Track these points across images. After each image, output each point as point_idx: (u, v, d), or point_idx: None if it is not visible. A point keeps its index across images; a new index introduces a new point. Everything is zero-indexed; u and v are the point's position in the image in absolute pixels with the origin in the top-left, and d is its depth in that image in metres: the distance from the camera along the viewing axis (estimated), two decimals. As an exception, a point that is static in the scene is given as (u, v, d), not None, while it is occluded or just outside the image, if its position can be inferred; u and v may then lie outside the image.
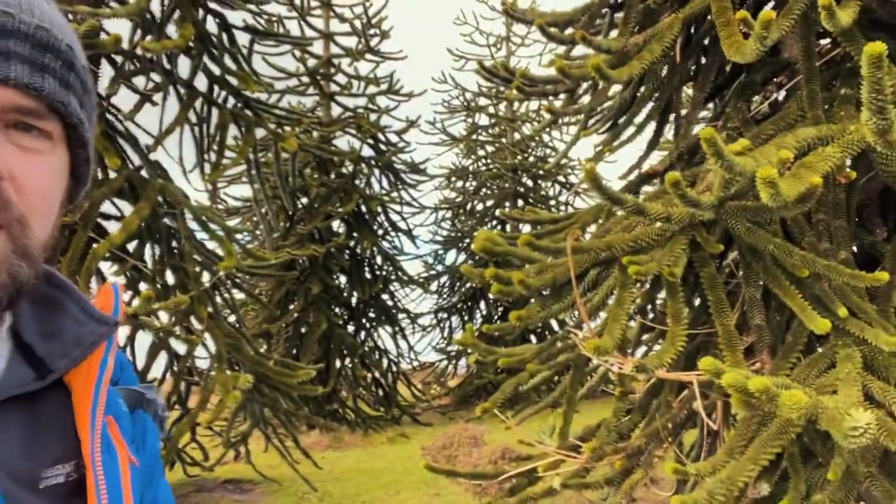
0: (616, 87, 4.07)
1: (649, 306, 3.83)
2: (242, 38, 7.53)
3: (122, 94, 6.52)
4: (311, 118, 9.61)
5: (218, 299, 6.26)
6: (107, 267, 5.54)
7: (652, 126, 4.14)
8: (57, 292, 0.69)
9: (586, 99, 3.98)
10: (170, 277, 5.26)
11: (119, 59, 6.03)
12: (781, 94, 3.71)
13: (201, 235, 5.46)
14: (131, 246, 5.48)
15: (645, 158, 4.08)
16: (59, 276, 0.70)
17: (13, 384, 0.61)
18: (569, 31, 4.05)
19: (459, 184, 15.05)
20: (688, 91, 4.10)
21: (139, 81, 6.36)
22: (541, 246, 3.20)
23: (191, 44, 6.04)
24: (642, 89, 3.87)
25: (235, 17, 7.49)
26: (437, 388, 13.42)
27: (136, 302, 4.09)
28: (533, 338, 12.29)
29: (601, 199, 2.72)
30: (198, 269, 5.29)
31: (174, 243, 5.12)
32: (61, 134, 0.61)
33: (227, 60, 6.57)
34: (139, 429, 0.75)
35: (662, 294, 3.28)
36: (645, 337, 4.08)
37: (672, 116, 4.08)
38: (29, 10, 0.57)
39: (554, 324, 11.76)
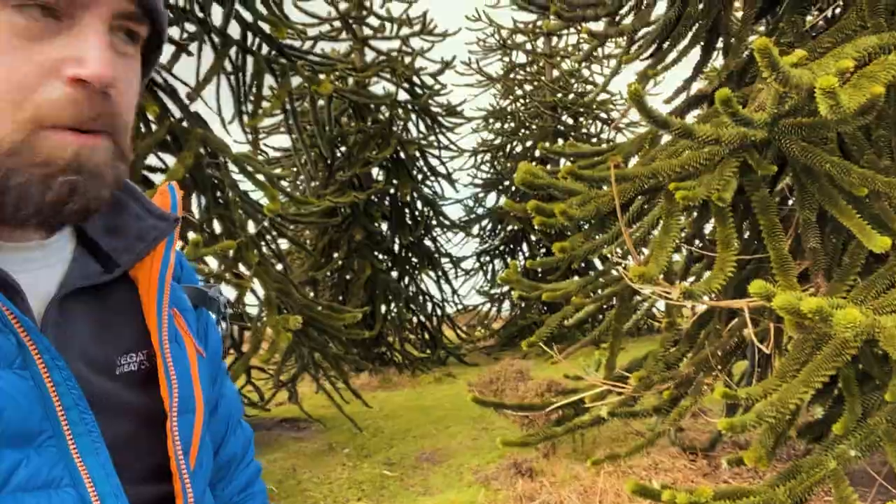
0: (660, 9, 3.87)
1: (697, 237, 3.75)
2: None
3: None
4: (345, 63, 9.48)
5: (264, 248, 6.40)
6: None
7: (698, 48, 3.95)
8: (119, 192, 0.69)
9: (628, 22, 3.80)
10: (217, 227, 5.38)
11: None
12: (838, 9, 3.48)
13: (246, 187, 5.54)
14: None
15: (692, 81, 3.91)
16: None
17: (81, 277, 0.63)
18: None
19: (497, 125, 14.78)
20: (736, 8, 3.88)
21: (174, 32, 6.37)
22: (583, 175, 3.13)
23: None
24: (688, 8, 3.67)
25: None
26: (481, 329, 13.56)
27: (185, 249, 4.21)
28: (577, 277, 12.21)
29: (646, 122, 2.62)
30: (243, 216, 5.39)
31: (219, 193, 5.21)
32: (144, 37, 0.64)
33: (259, 6, 6.49)
34: (202, 324, 0.77)
35: (712, 222, 3.19)
36: (694, 267, 4.01)
37: (720, 37, 3.88)
38: None
39: (598, 262, 11.67)
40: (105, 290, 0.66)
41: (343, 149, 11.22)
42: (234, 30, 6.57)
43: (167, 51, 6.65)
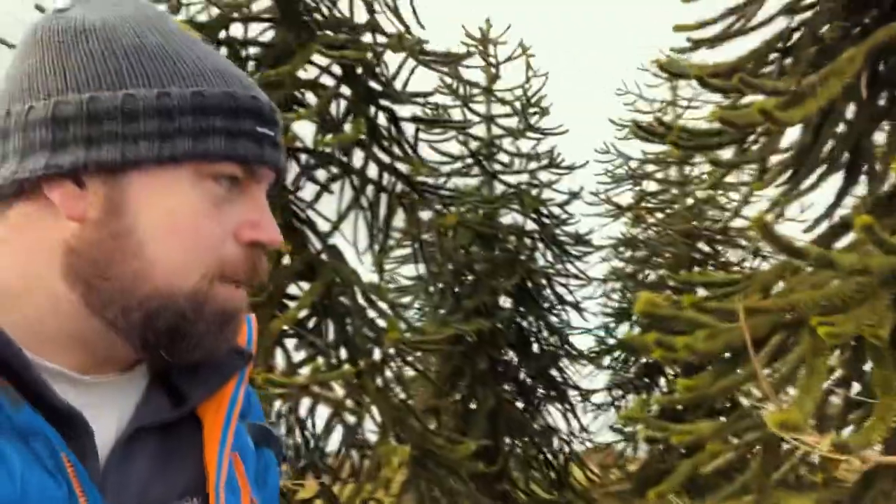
0: (792, 136, 3.71)
1: (854, 378, 3.30)
2: (410, 129, 8.12)
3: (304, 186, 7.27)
4: (473, 196, 9.92)
5: (388, 374, 6.49)
6: (291, 344, 6.03)
7: (840, 174, 3.70)
8: None
9: (756, 148, 3.66)
10: (343, 353, 5.57)
11: (303, 156, 6.76)
12: None
13: (373, 314, 5.76)
14: (312, 324, 5.93)
15: (835, 208, 3.62)
16: None
17: (152, 413, 0.64)
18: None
19: (628, 253, 14.49)
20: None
21: (320, 174, 7.07)
22: (708, 308, 2.92)
23: (363, 137, 6.61)
24: (822, 133, 3.48)
25: (404, 110, 8.09)
26: (616, 471, 12.53)
27: (310, 371, 4.38)
28: (722, 418, 11.11)
29: (778, 253, 2.43)
30: (368, 345, 5.55)
31: (347, 320, 5.44)
32: None
33: (395, 149, 7.08)
34: (262, 466, 0.75)
35: (869, 363, 2.79)
36: (853, 415, 3.49)
37: (864, 162, 3.61)
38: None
39: (744, 401, 10.60)
40: (171, 427, 0.65)
41: (470, 277, 11.47)
42: (372, 170, 7.17)
43: (310, 189, 7.39)
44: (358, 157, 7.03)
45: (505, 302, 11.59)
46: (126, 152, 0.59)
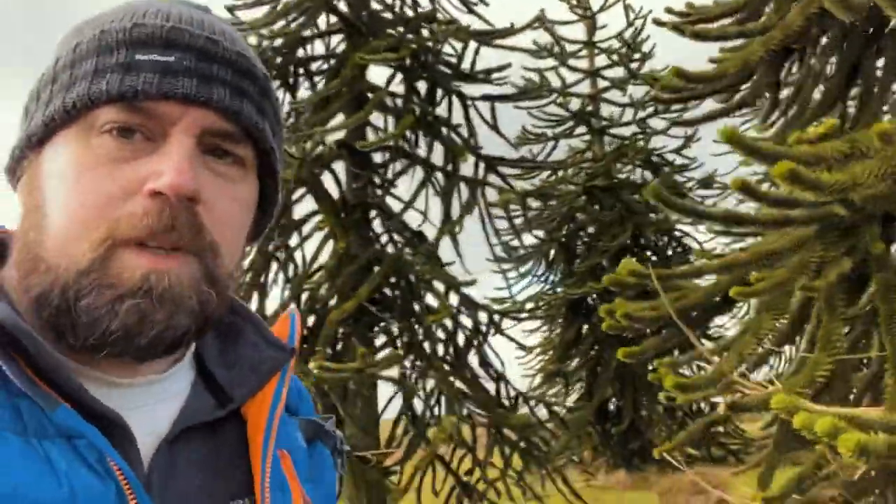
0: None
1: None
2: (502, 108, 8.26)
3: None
4: (544, 167, 9.68)
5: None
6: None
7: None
8: (237, 318, 0.68)
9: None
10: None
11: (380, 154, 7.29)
12: None
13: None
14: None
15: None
16: (239, 302, 0.69)
17: (196, 413, 0.61)
18: None
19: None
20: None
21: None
22: (676, 273, 2.90)
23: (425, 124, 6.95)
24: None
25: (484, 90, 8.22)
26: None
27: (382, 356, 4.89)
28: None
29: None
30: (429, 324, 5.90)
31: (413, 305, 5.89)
32: (253, 161, 0.61)
33: (462, 132, 7.35)
34: (317, 462, 0.71)
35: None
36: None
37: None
38: (231, 39, 0.59)
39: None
40: (216, 427, 0.62)
41: (584, 239, 11.37)
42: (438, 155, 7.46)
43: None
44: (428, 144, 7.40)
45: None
46: (30, 126, 0.57)
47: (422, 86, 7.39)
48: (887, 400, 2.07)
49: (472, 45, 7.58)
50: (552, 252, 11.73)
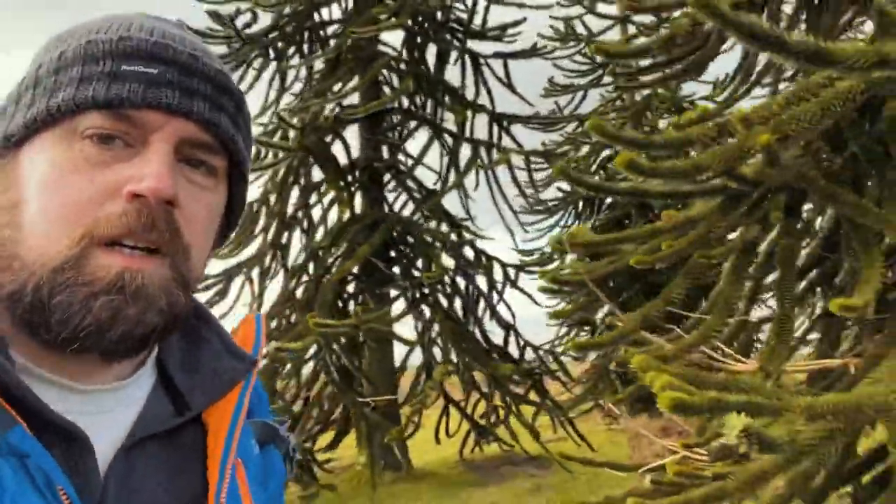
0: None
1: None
2: (516, 66, 8.34)
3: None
4: (567, 119, 9.65)
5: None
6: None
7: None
8: (200, 324, 0.69)
9: None
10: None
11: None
12: None
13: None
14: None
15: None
16: (203, 308, 0.70)
17: (154, 420, 0.61)
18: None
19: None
20: None
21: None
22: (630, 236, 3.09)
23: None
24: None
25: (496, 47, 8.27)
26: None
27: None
28: None
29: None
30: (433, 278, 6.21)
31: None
32: (224, 172, 0.64)
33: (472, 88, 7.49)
34: (266, 465, 0.71)
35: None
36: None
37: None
38: (210, 56, 0.62)
39: None
40: (174, 433, 0.63)
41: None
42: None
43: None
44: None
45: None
46: (9, 127, 0.59)
47: (433, 48, 7.54)
48: (758, 356, 2.25)
49: (483, 3, 7.63)
50: (580, 203, 11.78)
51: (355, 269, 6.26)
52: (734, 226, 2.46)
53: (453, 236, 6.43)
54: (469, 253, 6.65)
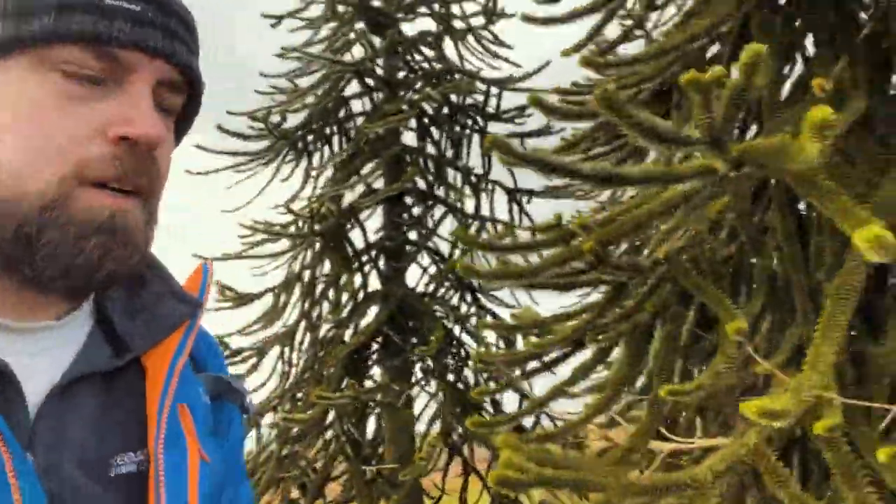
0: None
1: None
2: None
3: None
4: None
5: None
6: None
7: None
8: (145, 268, 0.67)
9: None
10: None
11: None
12: None
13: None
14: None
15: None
16: (149, 253, 0.66)
17: (89, 362, 0.60)
18: None
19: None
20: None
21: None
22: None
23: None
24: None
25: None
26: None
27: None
28: None
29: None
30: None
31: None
32: (178, 110, 0.64)
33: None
34: (223, 419, 0.70)
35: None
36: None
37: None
38: None
39: None
40: (114, 378, 0.61)
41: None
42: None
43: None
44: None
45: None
46: None
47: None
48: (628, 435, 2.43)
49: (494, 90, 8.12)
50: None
51: (376, 342, 6.65)
52: (627, 314, 2.70)
53: (465, 307, 6.74)
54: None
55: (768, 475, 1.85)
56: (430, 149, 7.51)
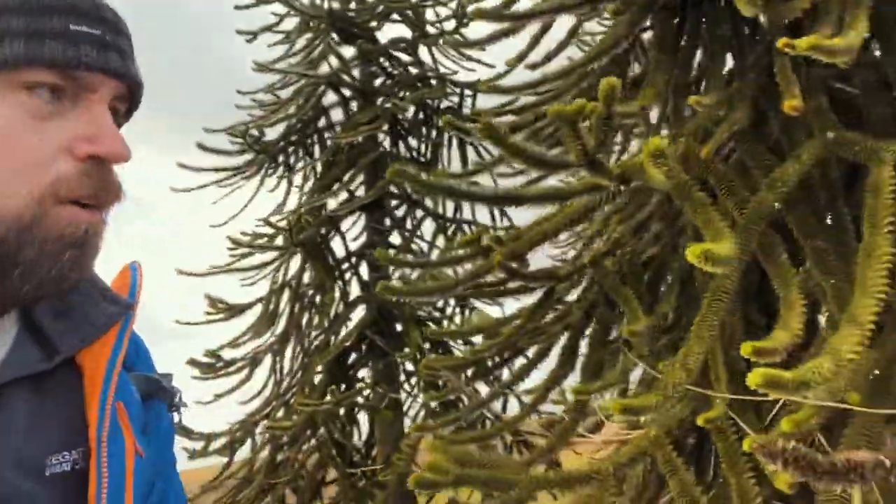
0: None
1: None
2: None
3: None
4: None
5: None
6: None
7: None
8: None
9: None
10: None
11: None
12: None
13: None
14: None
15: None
16: None
17: (18, 365, 0.60)
18: None
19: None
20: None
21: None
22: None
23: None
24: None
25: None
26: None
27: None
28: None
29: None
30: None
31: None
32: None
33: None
34: (152, 416, 0.72)
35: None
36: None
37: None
38: (115, 10, 0.65)
39: None
40: (46, 379, 0.62)
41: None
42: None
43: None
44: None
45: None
46: None
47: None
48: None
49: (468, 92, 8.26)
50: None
51: (361, 347, 6.83)
52: (560, 316, 2.85)
53: (449, 309, 6.91)
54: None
55: (664, 465, 2.00)
56: (408, 154, 7.67)
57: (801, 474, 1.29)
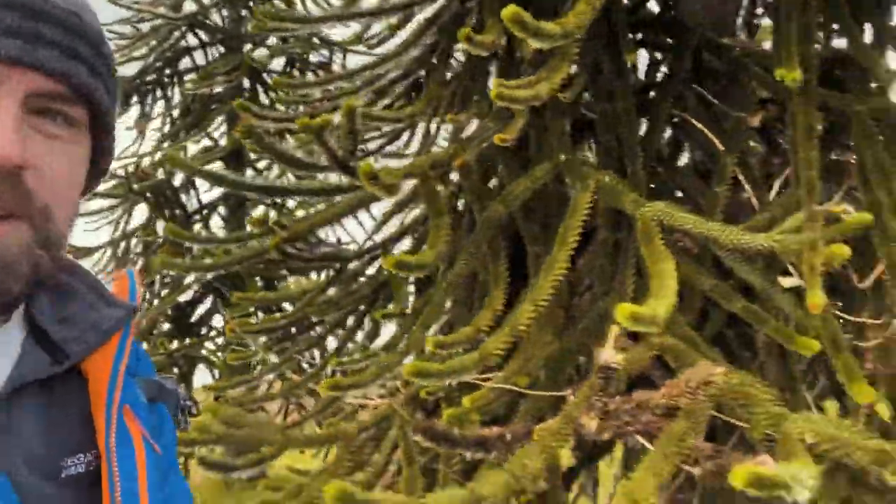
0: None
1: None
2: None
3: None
4: None
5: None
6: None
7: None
8: (70, 278, 0.68)
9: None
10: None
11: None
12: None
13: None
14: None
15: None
16: (72, 261, 0.69)
17: (29, 370, 0.61)
18: None
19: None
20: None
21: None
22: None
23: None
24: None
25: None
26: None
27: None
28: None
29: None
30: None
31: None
32: (86, 121, 0.61)
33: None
34: (156, 420, 0.73)
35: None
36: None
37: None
38: None
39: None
40: (55, 385, 0.63)
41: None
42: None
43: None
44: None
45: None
46: None
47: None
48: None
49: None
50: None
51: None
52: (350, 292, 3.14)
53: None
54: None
55: (398, 429, 2.35)
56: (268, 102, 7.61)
57: (434, 443, 1.67)
